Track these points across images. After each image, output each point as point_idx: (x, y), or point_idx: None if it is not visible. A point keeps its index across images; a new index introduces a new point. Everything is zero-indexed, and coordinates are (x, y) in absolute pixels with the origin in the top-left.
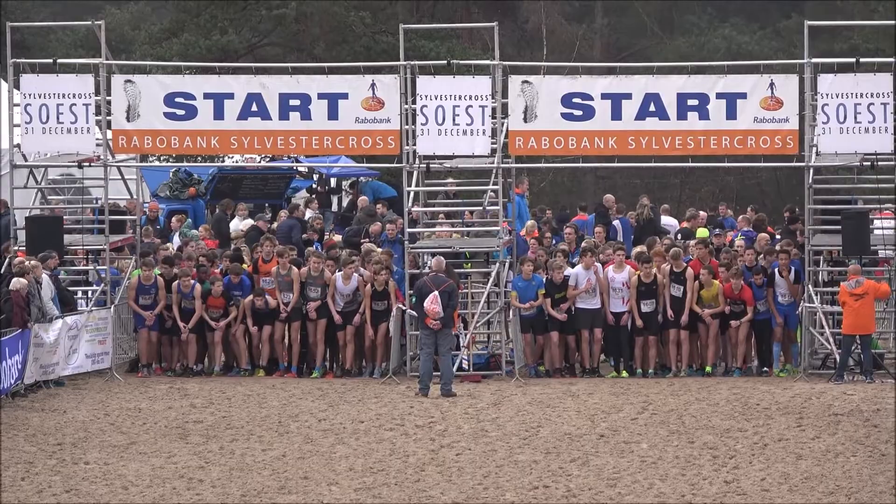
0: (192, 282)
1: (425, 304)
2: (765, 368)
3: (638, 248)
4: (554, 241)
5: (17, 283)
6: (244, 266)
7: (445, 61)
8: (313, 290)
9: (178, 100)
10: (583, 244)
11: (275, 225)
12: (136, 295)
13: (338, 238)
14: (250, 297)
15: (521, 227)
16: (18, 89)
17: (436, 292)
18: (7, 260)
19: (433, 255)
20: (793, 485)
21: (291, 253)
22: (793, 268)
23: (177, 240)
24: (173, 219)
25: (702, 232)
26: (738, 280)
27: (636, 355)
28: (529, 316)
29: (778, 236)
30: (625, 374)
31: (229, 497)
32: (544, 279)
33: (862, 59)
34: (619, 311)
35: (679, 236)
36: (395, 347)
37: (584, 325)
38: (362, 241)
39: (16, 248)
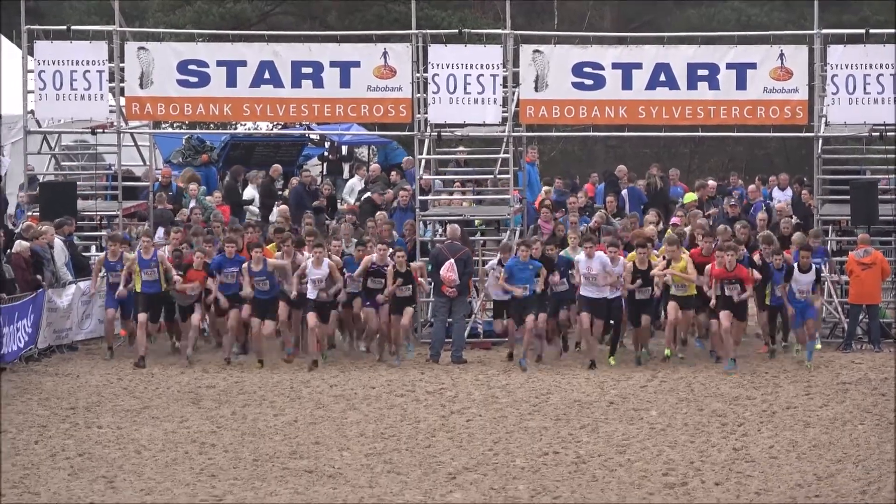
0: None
1: (441, 272)
2: (784, 343)
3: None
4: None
5: (18, 245)
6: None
7: (457, 30)
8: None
9: (190, 67)
10: (585, 227)
11: (286, 192)
12: (106, 274)
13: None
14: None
15: (532, 195)
16: (32, 56)
17: (451, 260)
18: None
19: (444, 223)
20: (801, 452)
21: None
22: (814, 266)
23: (193, 205)
24: (190, 186)
25: (689, 196)
26: (732, 257)
27: (635, 340)
28: (518, 298)
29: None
30: (612, 361)
31: (241, 461)
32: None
33: (871, 31)
34: (613, 297)
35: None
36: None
37: (579, 311)
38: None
39: (29, 213)
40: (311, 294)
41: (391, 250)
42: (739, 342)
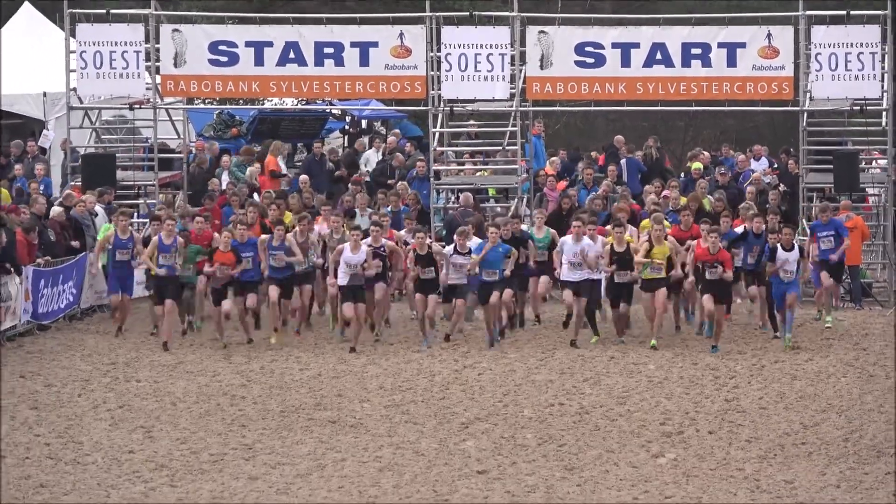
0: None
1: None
2: (776, 335)
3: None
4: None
5: (54, 211)
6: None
7: (468, 13)
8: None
9: (221, 47)
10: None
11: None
12: (113, 250)
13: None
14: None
15: (539, 165)
16: (74, 37)
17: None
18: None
19: (456, 191)
20: (788, 403)
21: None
22: (796, 244)
23: (226, 177)
24: (223, 158)
25: (695, 164)
26: (715, 240)
27: (615, 323)
28: (489, 280)
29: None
30: (595, 339)
31: (269, 412)
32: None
33: (852, 12)
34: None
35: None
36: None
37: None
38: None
39: (73, 183)
40: (343, 280)
41: (415, 235)
42: (722, 325)
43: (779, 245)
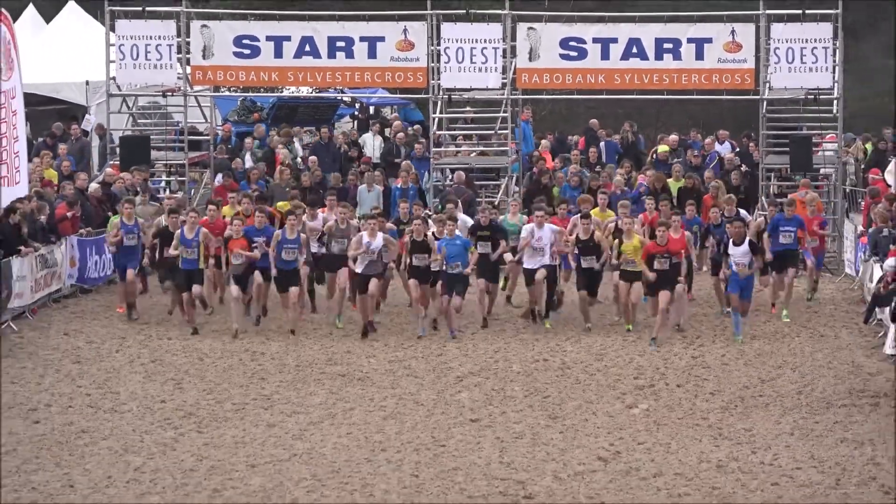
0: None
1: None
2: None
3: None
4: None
5: (92, 187)
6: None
7: (465, 11)
8: (339, 243)
9: (244, 41)
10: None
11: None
12: (121, 235)
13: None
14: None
15: (527, 148)
16: (114, 32)
17: (458, 202)
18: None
19: (454, 170)
20: (747, 360)
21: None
22: (748, 239)
23: (248, 158)
24: (246, 140)
25: (662, 147)
26: (663, 232)
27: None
28: (453, 273)
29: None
30: (548, 324)
31: (286, 367)
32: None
33: (807, 11)
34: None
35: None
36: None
37: (528, 283)
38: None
39: (111, 162)
40: (359, 267)
41: (416, 223)
42: (668, 315)
43: (730, 240)
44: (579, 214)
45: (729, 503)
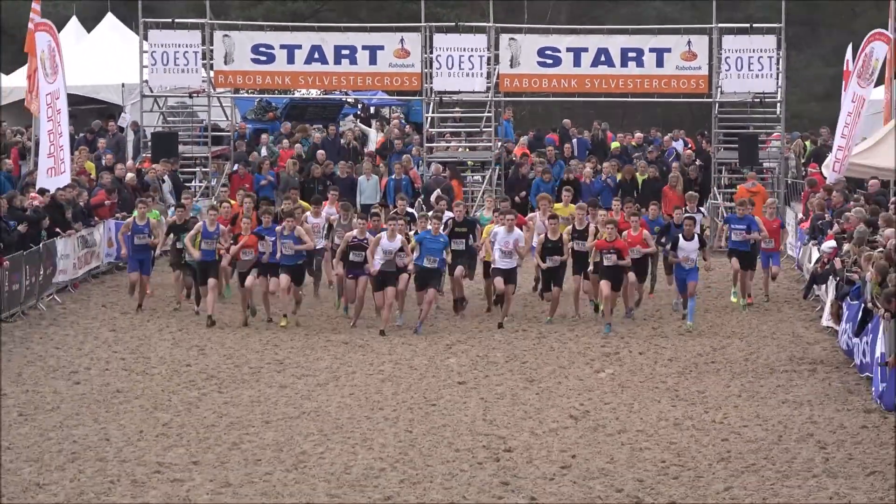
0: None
1: (432, 200)
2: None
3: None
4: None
5: (128, 175)
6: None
7: (454, 23)
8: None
9: (261, 49)
10: (500, 205)
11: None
12: (131, 235)
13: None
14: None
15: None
16: (147, 40)
17: (437, 190)
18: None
19: (441, 163)
20: (701, 331)
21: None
22: (696, 234)
23: (264, 151)
24: (262, 135)
25: (615, 144)
26: (611, 230)
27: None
28: (429, 267)
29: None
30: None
31: (296, 335)
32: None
33: (754, 25)
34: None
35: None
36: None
37: (493, 276)
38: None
39: (144, 155)
40: (377, 266)
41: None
42: (615, 306)
43: (680, 235)
44: (547, 216)
45: (684, 456)
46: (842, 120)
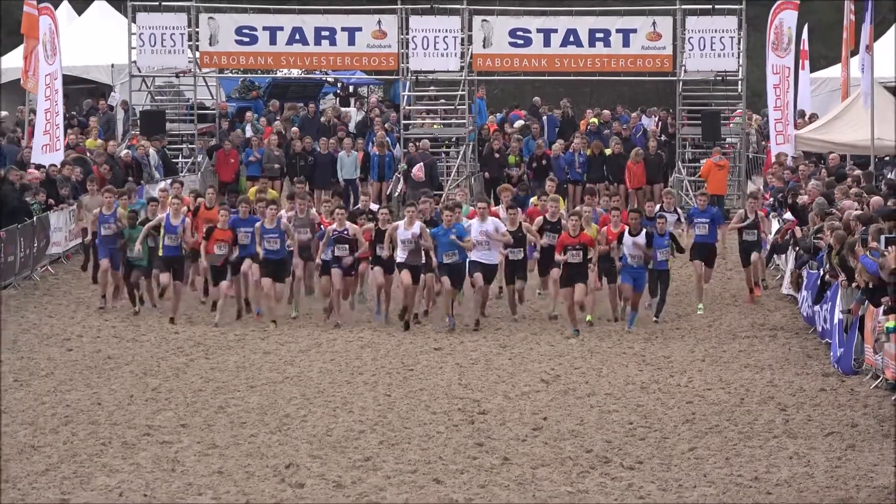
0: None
1: (413, 171)
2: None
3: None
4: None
5: (122, 151)
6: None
7: (429, 5)
8: (302, 232)
9: (244, 31)
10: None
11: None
12: (97, 225)
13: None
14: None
15: (482, 121)
16: (135, 23)
17: (421, 163)
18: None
19: (419, 139)
20: (670, 303)
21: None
22: (644, 229)
23: (249, 129)
24: (246, 113)
25: (592, 119)
26: (576, 223)
27: (512, 301)
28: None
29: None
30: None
31: (280, 307)
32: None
33: (716, 6)
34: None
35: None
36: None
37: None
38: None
39: (133, 132)
40: (401, 257)
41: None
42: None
43: (626, 230)
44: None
45: (651, 418)
46: (771, 94)
